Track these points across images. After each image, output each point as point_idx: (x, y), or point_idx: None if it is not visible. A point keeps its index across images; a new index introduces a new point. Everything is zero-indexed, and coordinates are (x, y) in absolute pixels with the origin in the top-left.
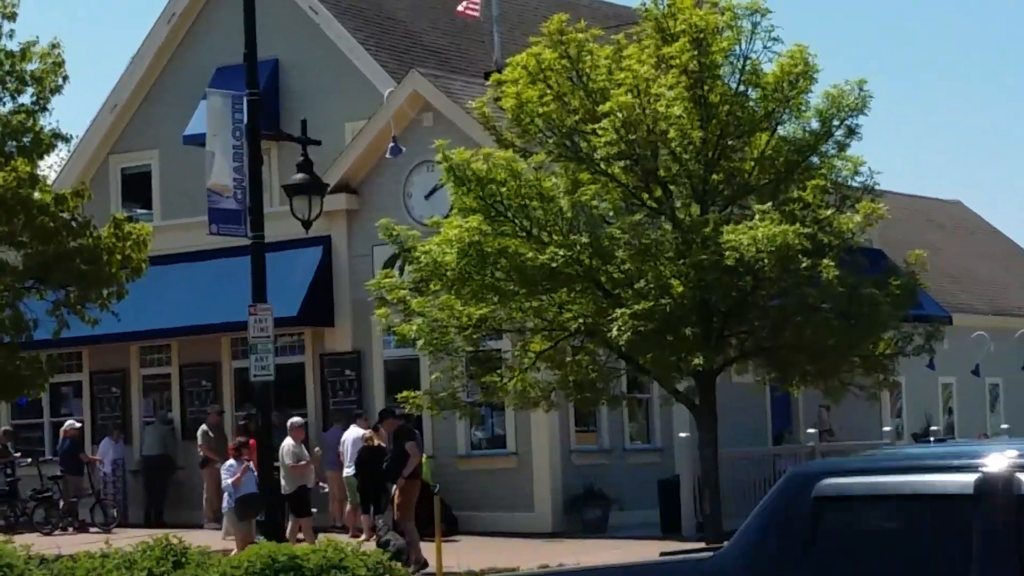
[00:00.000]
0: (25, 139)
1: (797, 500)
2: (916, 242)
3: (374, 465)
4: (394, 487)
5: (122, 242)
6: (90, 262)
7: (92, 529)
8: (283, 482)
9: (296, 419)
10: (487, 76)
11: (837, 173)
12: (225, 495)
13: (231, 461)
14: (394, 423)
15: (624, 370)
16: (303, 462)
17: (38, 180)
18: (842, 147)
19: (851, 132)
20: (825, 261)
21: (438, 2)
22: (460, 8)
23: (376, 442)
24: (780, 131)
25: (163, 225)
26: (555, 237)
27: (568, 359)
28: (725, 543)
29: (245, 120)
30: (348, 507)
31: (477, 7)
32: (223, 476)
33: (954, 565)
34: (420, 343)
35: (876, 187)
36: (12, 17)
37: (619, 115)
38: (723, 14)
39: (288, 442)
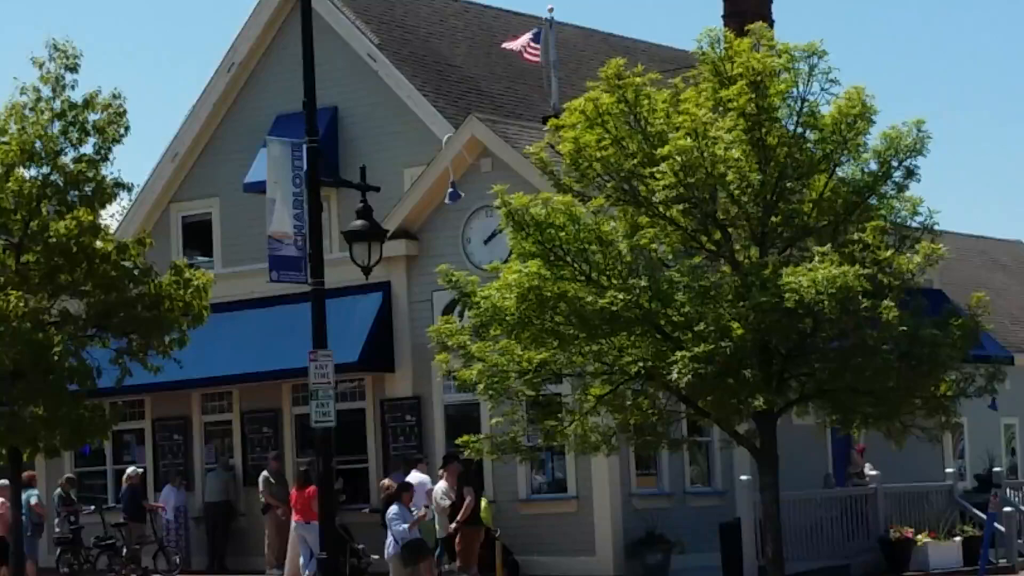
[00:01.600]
0: (87, 188)
1: None
2: (977, 282)
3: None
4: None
5: (183, 289)
6: (151, 309)
7: None
8: (437, 527)
9: (454, 464)
10: (545, 120)
11: (896, 214)
12: (390, 539)
13: (396, 506)
14: (457, 468)
15: (684, 413)
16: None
17: (100, 229)
18: (901, 188)
19: (910, 173)
20: (885, 302)
21: (494, 48)
22: (515, 47)
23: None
24: (838, 173)
25: (224, 272)
26: (614, 281)
27: (628, 403)
28: None
29: (305, 167)
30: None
31: (536, 52)
32: (392, 521)
33: None
34: (480, 388)
35: (936, 227)
36: (74, 68)
37: (677, 159)
38: (780, 56)
39: (442, 484)
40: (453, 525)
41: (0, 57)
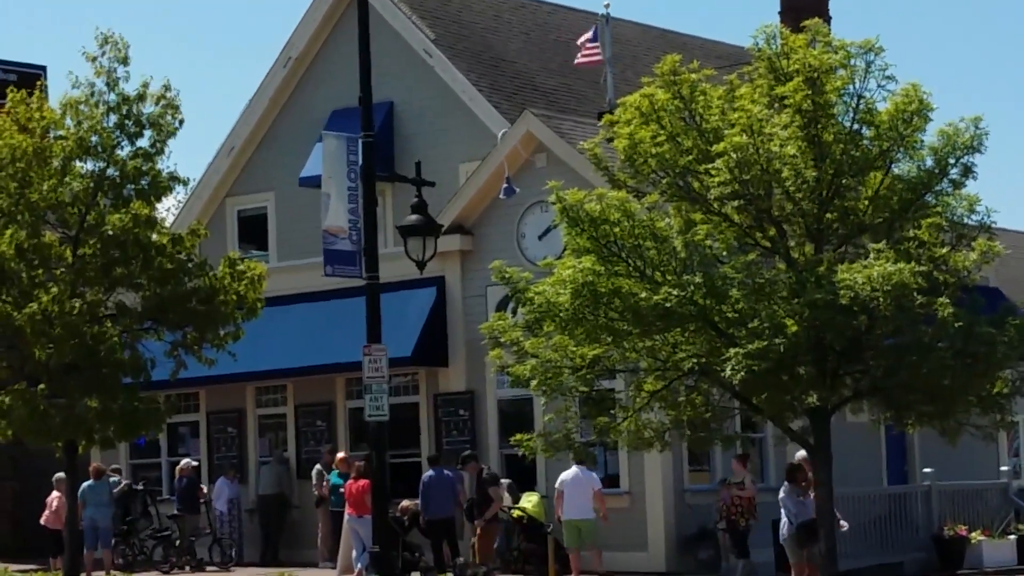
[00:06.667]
0: (143, 182)
1: None
2: None
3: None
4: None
5: (237, 281)
6: (206, 303)
7: (209, 568)
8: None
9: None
10: (600, 116)
11: (952, 211)
12: (784, 520)
13: (787, 485)
14: (476, 467)
15: (738, 409)
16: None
17: (156, 222)
18: (957, 185)
19: (967, 170)
20: (941, 300)
21: (549, 44)
22: (579, 60)
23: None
24: (894, 170)
25: (279, 267)
26: (668, 277)
27: (681, 399)
28: None
29: (360, 162)
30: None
31: (598, 52)
32: (785, 502)
33: None
34: (533, 384)
35: (993, 225)
36: (125, 61)
37: (733, 155)
38: (837, 53)
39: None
40: (477, 522)
41: (56, 53)
